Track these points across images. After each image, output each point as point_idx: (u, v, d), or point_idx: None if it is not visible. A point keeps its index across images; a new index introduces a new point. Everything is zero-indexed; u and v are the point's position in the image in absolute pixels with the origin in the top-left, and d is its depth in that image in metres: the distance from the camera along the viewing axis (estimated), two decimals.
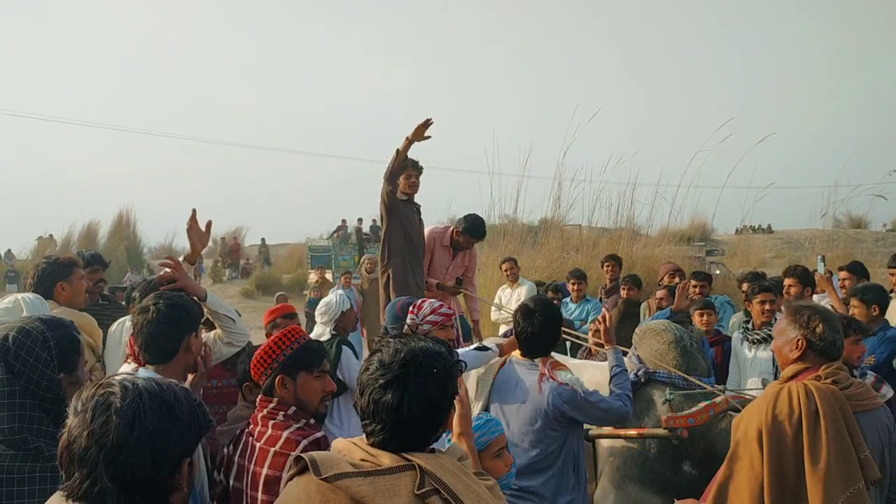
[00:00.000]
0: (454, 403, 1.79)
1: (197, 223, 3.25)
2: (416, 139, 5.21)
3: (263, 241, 29.44)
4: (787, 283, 5.46)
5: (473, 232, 5.99)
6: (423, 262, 5.77)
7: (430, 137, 5.21)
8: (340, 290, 7.04)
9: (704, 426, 3.45)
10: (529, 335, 3.30)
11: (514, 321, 3.39)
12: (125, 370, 2.69)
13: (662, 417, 3.51)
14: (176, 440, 1.41)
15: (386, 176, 5.38)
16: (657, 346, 3.86)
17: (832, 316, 2.73)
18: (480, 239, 6.28)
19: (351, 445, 1.68)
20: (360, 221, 25.44)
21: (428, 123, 5.17)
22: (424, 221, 5.91)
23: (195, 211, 3.24)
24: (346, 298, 4.51)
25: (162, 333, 2.59)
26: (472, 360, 3.71)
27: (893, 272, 6.26)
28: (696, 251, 16.45)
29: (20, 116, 62.58)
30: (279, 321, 4.11)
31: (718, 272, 12.88)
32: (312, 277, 14.98)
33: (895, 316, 5.29)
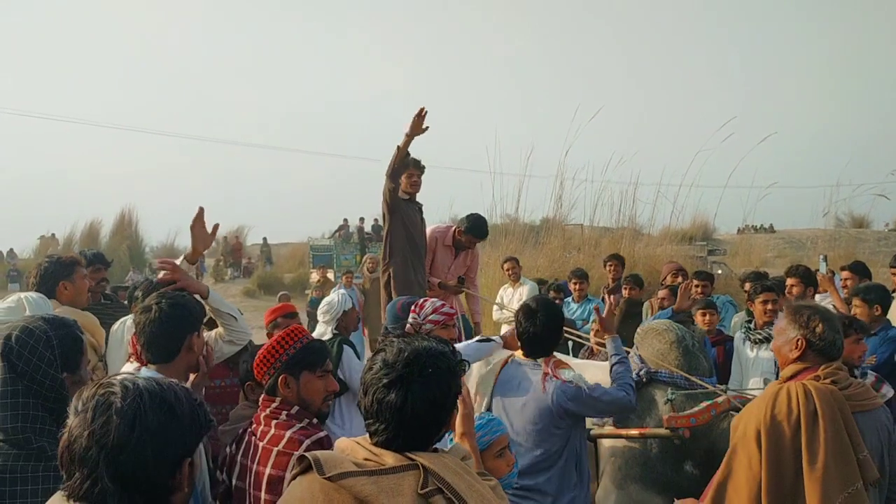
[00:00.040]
0: (457, 403, 1.79)
1: (202, 222, 3.19)
2: (415, 133, 5.20)
3: (265, 240, 29.47)
4: (789, 282, 5.46)
5: (476, 231, 5.98)
6: (424, 261, 5.77)
7: (427, 128, 5.18)
8: (342, 289, 7.04)
9: (706, 426, 3.45)
10: (532, 335, 3.30)
11: (515, 321, 3.39)
12: (127, 369, 2.69)
13: (664, 417, 3.50)
14: (177, 440, 1.41)
15: (388, 173, 5.37)
16: (659, 345, 3.86)
17: (832, 316, 2.73)
18: (483, 239, 6.27)
19: (354, 445, 1.68)
20: (361, 221, 25.41)
21: (422, 114, 5.14)
22: (426, 221, 5.91)
23: (202, 210, 3.18)
24: (348, 298, 4.51)
25: (164, 333, 2.59)
26: (475, 351, 3.71)
27: (895, 272, 6.26)
28: (697, 251, 16.42)
29: (21, 116, 62.74)
30: (280, 321, 4.10)
31: (720, 272, 12.86)
32: (314, 277, 14.99)
33: None
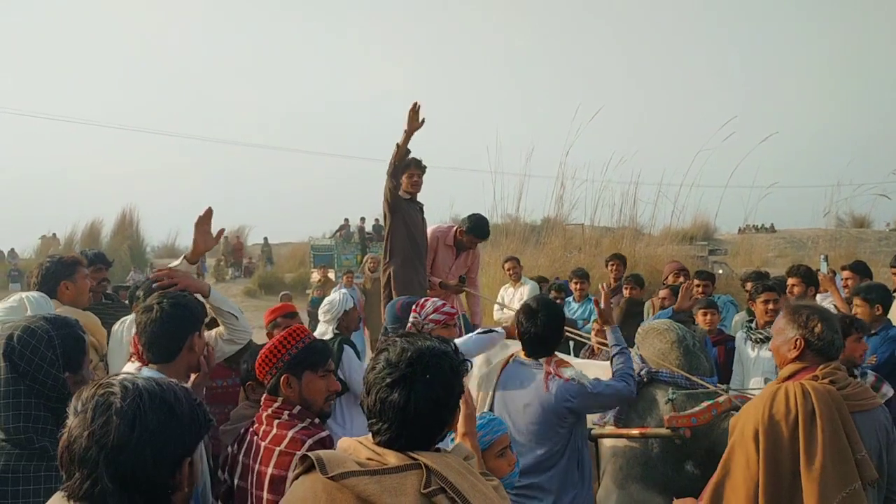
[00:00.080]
0: (460, 403, 1.79)
1: (209, 223, 3.17)
2: (412, 128, 5.22)
3: (266, 240, 29.47)
4: (790, 282, 5.46)
5: (477, 232, 5.98)
6: (425, 261, 5.77)
7: (423, 121, 5.19)
8: (344, 288, 7.04)
9: (707, 426, 3.45)
10: (533, 335, 3.30)
11: (517, 321, 3.39)
12: (129, 369, 2.69)
13: (665, 417, 3.50)
14: (176, 440, 1.41)
15: (389, 172, 5.39)
16: (660, 345, 3.86)
17: (831, 316, 2.73)
18: (484, 239, 6.27)
19: (357, 444, 1.68)
20: (362, 220, 25.41)
21: (416, 108, 5.15)
22: (427, 220, 5.91)
23: (210, 210, 3.16)
24: (349, 297, 4.50)
25: (165, 333, 2.60)
26: (476, 344, 3.70)
27: None
28: (698, 250, 16.41)
29: (22, 116, 62.65)
30: (280, 321, 4.08)
31: (721, 271, 12.85)
32: (315, 276, 14.99)
33: None
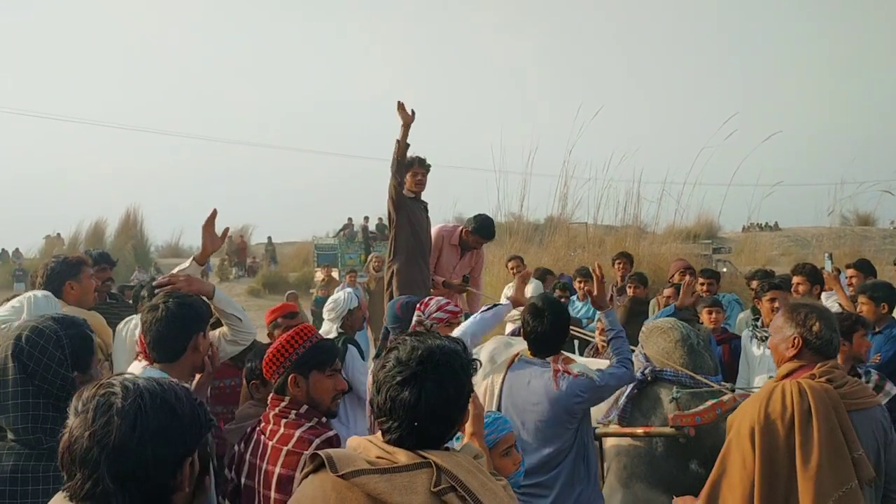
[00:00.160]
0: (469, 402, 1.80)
1: (213, 223, 3.24)
2: (406, 123, 5.28)
3: (270, 239, 29.47)
4: (795, 281, 5.45)
5: (483, 232, 5.99)
6: (429, 259, 5.78)
7: (414, 112, 5.28)
8: (348, 288, 7.04)
9: (711, 424, 3.45)
10: (539, 334, 3.29)
11: (522, 320, 3.39)
12: (134, 368, 2.70)
13: (669, 416, 3.51)
14: (177, 440, 1.41)
15: (392, 169, 5.42)
16: (664, 344, 3.86)
17: (829, 314, 2.72)
18: (490, 239, 6.28)
19: (366, 443, 1.69)
20: (366, 220, 25.39)
21: (400, 105, 5.27)
22: (431, 219, 5.92)
23: (215, 211, 3.24)
24: (354, 296, 4.50)
25: (170, 332, 2.61)
26: (484, 323, 3.68)
27: None
28: (702, 249, 16.41)
29: (26, 116, 62.92)
30: (280, 321, 4.08)
31: (725, 270, 12.84)
32: (318, 276, 14.99)
33: None
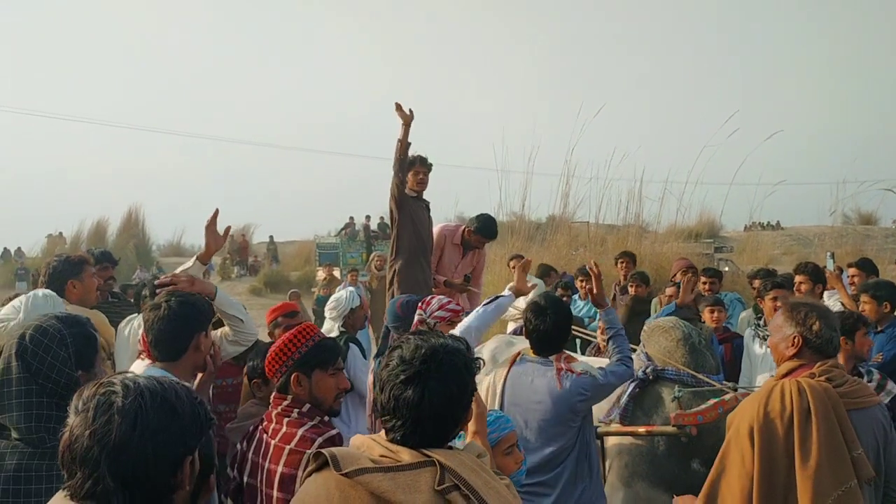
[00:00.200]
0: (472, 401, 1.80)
1: (216, 223, 3.27)
2: (406, 122, 5.31)
3: (272, 238, 29.53)
4: (797, 280, 5.45)
5: (485, 232, 5.99)
6: (431, 258, 5.78)
7: (412, 110, 5.33)
8: (350, 287, 7.04)
9: (713, 423, 3.45)
10: (542, 332, 3.29)
11: (524, 319, 3.39)
12: (137, 366, 2.71)
13: (671, 415, 3.51)
14: (178, 439, 1.41)
15: (394, 168, 5.43)
16: (665, 343, 3.86)
17: (829, 313, 2.72)
18: (492, 239, 6.28)
19: (370, 441, 1.69)
20: (367, 219, 25.42)
21: (398, 106, 5.32)
22: (433, 218, 5.92)
23: (217, 210, 3.28)
24: (356, 295, 4.50)
25: (172, 331, 2.62)
26: (487, 316, 3.64)
27: None
28: (704, 248, 16.38)
29: (28, 115, 62.89)
30: (280, 320, 4.08)
31: (727, 269, 12.82)
32: (320, 275, 14.99)
33: None
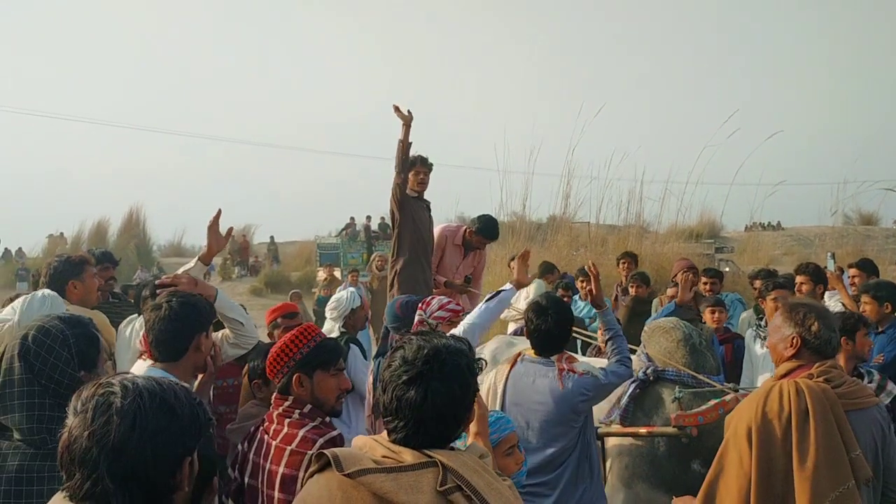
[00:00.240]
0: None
1: (218, 224, 3.27)
2: (406, 122, 5.33)
3: (272, 238, 29.53)
4: (798, 280, 5.45)
5: (487, 233, 6.00)
6: (431, 259, 5.78)
7: (410, 111, 5.36)
8: (350, 287, 7.04)
9: (714, 424, 3.44)
10: (543, 332, 3.29)
11: (525, 319, 3.39)
12: (138, 367, 2.71)
13: (672, 416, 3.51)
14: (177, 439, 1.41)
15: (396, 168, 5.44)
16: (666, 343, 3.86)
17: (828, 314, 2.72)
18: (493, 240, 6.28)
19: (372, 442, 1.69)
20: (368, 219, 25.43)
21: (396, 108, 5.35)
22: (434, 219, 5.92)
23: (220, 211, 3.28)
24: (356, 296, 4.50)
25: (172, 331, 2.62)
26: (489, 313, 3.60)
27: None
28: (705, 248, 16.39)
29: (28, 115, 62.90)
30: (280, 321, 4.07)
31: (728, 269, 12.83)
32: (321, 275, 14.99)
33: None
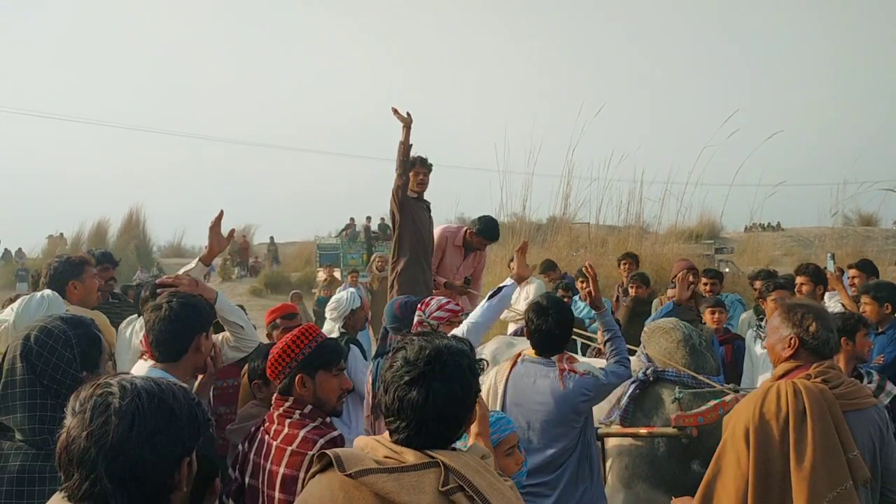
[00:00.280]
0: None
1: (220, 224, 3.26)
2: (405, 124, 5.34)
3: (272, 239, 29.54)
4: (798, 281, 5.45)
5: (487, 234, 6.00)
6: (431, 259, 5.78)
7: (409, 113, 5.37)
8: (350, 288, 7.04)
9: (714, 425, 3.44)
10: (544, 332, 3.29)
11: (526, 319, 3.38)
12: (139, 367, 2.71)
13: (672, 416, 3.51)
14: (175, 440, 1.41)
15: (397, 169, 5.45)
16: (666, 344, 3.86)
17: (826, 314, 2.72)
18: (494, 241, 6.28)
19: (374, 442, 1.69)
20: (368, 220, 25.44)
21: (394, 110, 5.36)
22: (434, 219, 5.92)
23: (222, 212, 3.27)
24: (356, 296, 4.49)
25: (173, 332, 2.62)
26: (491, 311, 3.59)
27: None
28: (705, 249, 16.39)
29: (28, 115, 62.92)
30: (279, 321, 4.07)
31: (728, 270, 12.82)
32: (321, 276, 14.99)
33: None
